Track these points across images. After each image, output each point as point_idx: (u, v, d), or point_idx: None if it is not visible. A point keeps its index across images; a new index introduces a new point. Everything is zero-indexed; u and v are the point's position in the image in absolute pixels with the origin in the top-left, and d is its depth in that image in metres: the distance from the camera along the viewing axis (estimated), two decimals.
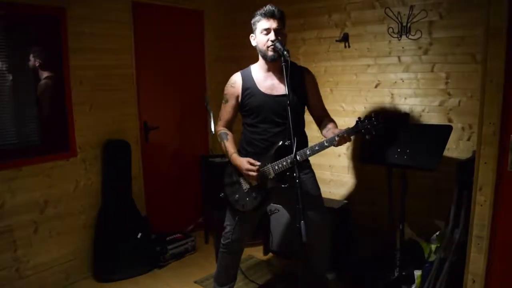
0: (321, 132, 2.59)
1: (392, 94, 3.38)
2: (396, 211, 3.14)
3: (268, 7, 2.44)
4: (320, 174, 3.79)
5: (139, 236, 3.57)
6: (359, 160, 3.52)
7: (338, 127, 2.53)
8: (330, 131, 2.44)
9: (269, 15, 2.42)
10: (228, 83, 2.62)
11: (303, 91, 2.55)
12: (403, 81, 3.31)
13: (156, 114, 4.00)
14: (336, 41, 3.57)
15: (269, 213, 3.72)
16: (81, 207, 3.45)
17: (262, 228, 3.77)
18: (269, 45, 2.41)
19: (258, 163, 2.44)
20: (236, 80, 2.59)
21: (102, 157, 3.55)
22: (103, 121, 3.54)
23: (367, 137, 2.25)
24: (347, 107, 3.64)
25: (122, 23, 3.61)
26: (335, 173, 3.79)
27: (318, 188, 2.70)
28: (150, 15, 3.85)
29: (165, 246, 3.72)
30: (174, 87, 4.12)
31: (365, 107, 3.54)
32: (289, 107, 2.15)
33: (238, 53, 4.19)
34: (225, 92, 2.63)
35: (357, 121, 2.27)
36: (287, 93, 2.18)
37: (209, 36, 4.41)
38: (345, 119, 3.63)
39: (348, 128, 2.29)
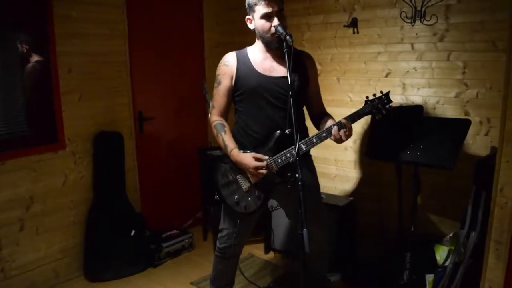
0: (316, 127, 2.39)
1: (403, 84, 3.16)
2: (406, 209, 2.93)
3: None
4: (325, 168, 3.60)
5: (132, 234, 3.38)
6: (366, 155, 3.30)
7: None
8: (326, 124, 2.25)
9: None
10: (220, 62, 2.36)
11: (305, 77, 2.32)
12: (416, 70, 3.09)
13: (152, 104, 3.79)
14: (344, 26, 3.34)
15: (271, 209, 3.51)
16: (71, 202, 3.27)
17: (263, 224, 3.57)
18: (273, 31, 2.17)
19: (266, 157, 2.20)
20: (230, 59, 2.33)
21: (93, 150, 3.36)
22: (94, 111, 3.34)
23: (377, 117, 2.13)
24: (354, 98, 3.42)
25: (115, 6, 3.38)
26: (340, 167, 3.58)
27: (318, 186, 2.51)
28: None
29: (160, 244, 3.55)
30: (171, 75, 3.90)
31: None
32: (290, 91, 1.95)
33: (240, 39, 3.91)
34: (218, 72, 2.36)
35: (366, 101, 2.13)
36: (288, 77, 1.96)
37: (209, 21, 4.17)
38: (352, 110, 3.32)
39: (355, 112, 2.14)
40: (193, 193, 4.13)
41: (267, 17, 2.18)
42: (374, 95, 2.14)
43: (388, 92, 2.12)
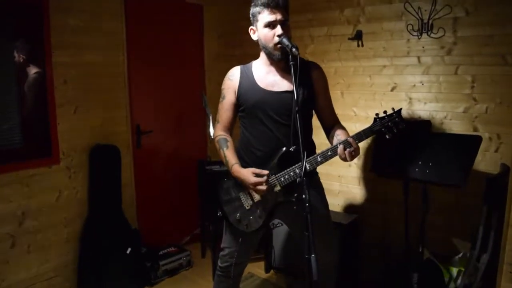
0: (330, 142, 2.26)
1: (410, 99, 3.07)
2: (413, 227, 2.82)
3: None
4: (328, 184, 3.49)
5: (128, 252, 3.25)
6: (372, 171, 3.19)
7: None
8: (336, 138, 2.14)
9: (273, 5, 2.07)
10: (226, 76, 2.30)
11: (310, 89, 2.22)
12: (423, 85, 3.00)
13: (150, 117, 3.69)
14: (349, 39, 3.26)
15: (272, 227, 3.40)
16: (65, 219, 3.15)
17: (263, 241, 3.45)
18: (276, 41, 2.08)
19: (266, 172, 2.09)
20: (234, 73, 2.27)
21: (88, 164, 3.25)
22: (90, 124, 3.23)
23: (387, 136, 2.00)
24: (359, 112, 3.33)
25: (113, 16, 3.31)
26: (344, 184, 3.47)
27: (327, 207, 2.39)
28: (144, 8, 3.54)
29: (157, 262, 3.41)
30: (170, 88, 3.82)
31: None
32: (294, 105, 1.85)
33: (241, 51, 3.88)
34: (223, 86, 2.30)
35: (375, 119, 2.02)
36: (294, 91, 1.85)
37: (209, 32, 4.09)
38: (357, 125, 3.32)
39: (363, 130, 2.02)
40: (192, 209, 4.02)
41: (270, 25, 2.09)
42: (385, 112, 2.03)
43: (400, 110, 2.01)
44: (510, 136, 2.69)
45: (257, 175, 2.10)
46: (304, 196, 1.69)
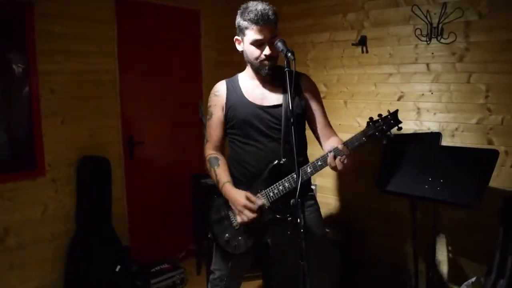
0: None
1: (418, 109, 2.88)
2: (421, 247, 2.61)
3: (259, 9, 1.91)
4: (328, 198, 3.32)
5: (117, 270, 3.07)
6: (376, 186, 2.97)
7: None
8: (328, 147, 1.98)
9: (262, 23, 1.90)
10: (211, 92, 2.17)
11: (301, 100, 2.08)
12: (432, 94, 2.81)
13: (143, 127, 3.53)
14: (352, 45, 3.08)
15: (269, 242, 3.18)
16: (50, 234, 2.99)
17: (260, 257, 3.23)
18: (262, 59, 1.96)
19: (260, 203, 1.94)
20: (220, 88, 2.14)
21: (76, 177, 3.09)
22: (78, 135, 3.09)
23: (384, 141, 1.83)
24: (363, 123, 3.07)
25: (103, 22, 3.16)
26: (346, 198, 3.26)
27: (323, 227, 2.23)
28: (137, 14, 3.40)
29: (149, 280, 3.23)
30: (165, 96, 3.66)
31: None
32: (290, 116, 1.72)
33: (240, 58, 3.66)
34: (209, 103, 2.16)
35: (368, 122, 1.85)
36: (288, 101, 1.74)
37: (207, 38, 3.94)
38: None
39: (355, 135, 1.85)
40: (186, 224, 3.83)
41: (257, 44, 1.96)
42: (380, 115, 1.85)
43: (396, 111, 1.83)
44: None
45: (250, 200, 1.94)
46: (298, 221, 1.51)
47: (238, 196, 1.96)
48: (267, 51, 1.93)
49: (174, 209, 3.80)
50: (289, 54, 1.79)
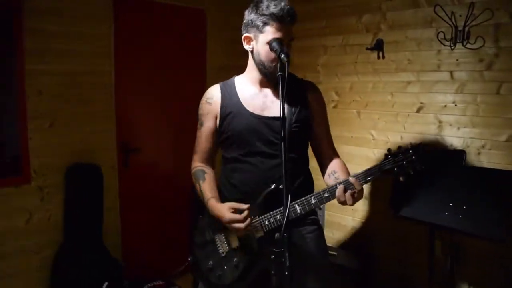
0: (325, 181, 1.85)
1: (440, 122, 2.60)
2: (438, 277, 2.29)
3: (283, 5, 1.66)
4: (339, 218, 3.03)
5: (105, 287, 2.85)
6: (391, 208, 2.67)
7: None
8: (333, 177, 1.77)
9: (286, 21, 1.66)
10: (202, 98, 1.91)
11: (306, 113, 1.82)
12: (455, 105, 2.55)
13: (140, 133, 3.32)
14: (367, 49, 2.84)
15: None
16: (35, 245, 2.80)
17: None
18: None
19: (246, 206, 1.69)
20: (214, 94, 1.87)
21: (65, 185, 2.89)
22: (68, 140, 2.88)
23: (401, 179, 1.64)
24: (378, 136, 2.86)
25: (99, 20, 2.96)
26: (357, 218, 2.98)
27: (326, 253, 1.97)
28: (136, 12, 3.19)
29: None
30: (164, 101, 3.44)
31: (402, 137, 2.74)
32: (283, 132, 1.46)
33: (247, 62, 3.47)
34: (200, 111, 1.91)
35: (386, 155, 1.61)
36: (280, 109, 1.46)
37: (213, 40, 3.70)
38: (375, 151, 2.85)
39: (370, 168, 1.61)
40: (184, 238, 3.58)
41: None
42: (400, 148, 1.60)
43: (419, 145, 1.59)
44: None
45: (236, 210, 1.70)
46: (283, 260, 1.30)
47: (221, 211, 1.72)
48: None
49: (171, 222, 3.57)
50: (282, 56, 1.53)
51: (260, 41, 1.73)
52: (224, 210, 1.71)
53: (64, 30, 2.79)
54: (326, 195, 1.64)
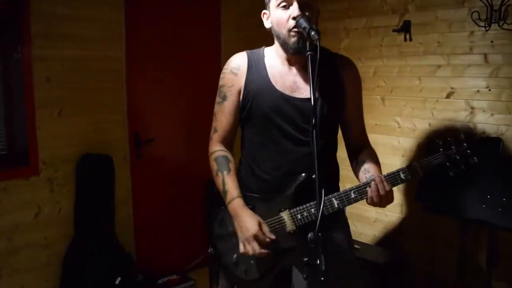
0: (354, 171, 1.69)
1: (472, 108, 2.42)
2: (471, 277, 2.14)
3: None
4: (362, 210, 2.87)
5: (117, 282, 2.75)
6: (417, 201, 2.52)
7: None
8: (367, 175, 1.58)
9: None
10: (225, 67, 1.69)
11: (339, 94, 1.64)
12: (490, 90, 2.35)
13: (152, 123, 3.20)
14: (393, 31, 2.64)
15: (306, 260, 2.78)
16: (45, 239, 2.71)
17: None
18: (291, 26, 1.50)
19: (273, 237, 1.54)
20: (240, 63, 1.66)
21: (75, 176, 2.79)
22: (78, 130, 2.79)
23: (450, 173, 1.47)
24: (403, 123, 2.69)
25: (110, 3, 2.85)
26: (382, 211, 2.81)
27: (353, 249, 1.84)
28: None
29: None
30: (177, 89, 3.30)
31: (430, 125, 2.58)
32: (319, 118, 1.39)
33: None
34: (222, 82, 1.68)
35: (436, 147, 1.46)
36: (310, 92, 1.30)
37: (228, 26, 3.56)
38: (400, 140, 2.69)
39: (420, 162, 1.47)
40: (200, 230, 3.47)
41: (284, 5, 1.52)
42: (449, 139, 1.44)
43: (474, 136, 1.45)
44: None
45: (264, 233, 1.53)
46: (318, 262, 1.14)
47: (249, 221, 1.54)
48: (295, 11, 1.48)
49: (186, 214, 3.46)
50: (313, 33, 1.37)
51: (271, 8, 1.58)
52: (253, 222, 1.53)
53: (73, 13, 2.69)
54: (353, 195, 1.51)
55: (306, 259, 1.17)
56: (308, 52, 1.37)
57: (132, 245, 3.12)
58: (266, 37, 1.67)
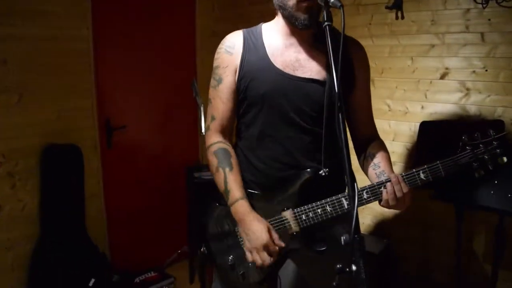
0: (362, 166, 1.53)
1: (467, 90, 2.34)
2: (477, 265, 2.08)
3: None
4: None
5: (91, 285, 2.55)
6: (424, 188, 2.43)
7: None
8: (377, 170, 1.43)
9: None
10: (220, 47, 1.52)
11: (349, 78, 1.47)
12: (486, 71, 2.28)
13: (124, 109, 2.97)
14: (386, 8, 2.50)
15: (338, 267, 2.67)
16: (8, 241, 2.48)
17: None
18: None
19: (282, 245, 1.39)
20: (235, 42, 1.49)
21: (40, 170, 2.55)
22: (40, 118, 2.53)
23: (476, 175, 1.31)
24: (394, 106, 2.60)
25: None
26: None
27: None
28: None
29: None
30: (151, 72, 3.09)
31: (423, 107, 2.50)
32: (326, 102, 1.32)
33: (245, 27, 3.14)
34: (216, 63, 1.52)
35: (463, 146, 1.30)
36: (333, 70, 1.15)
37: (203, 3, 3.33)
38: (391, 123, 2.60)
39: (443, 162, 1.32)
40: (178, 222, 3.31)
41: None
42: (476, 135, 1.30)
43: (504, 134, 1.30)
44: None
45: (274, 239, 1.38)
46: (353, 268, 0.97)
47: (258, 228, 1.38)
48: None
49: (163, 206, 3.28)
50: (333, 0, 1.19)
51: None
52: (263, 229, 1.38)
53: None
54: (365, 196, 1.34)
55: (340, 265, 1.01)
56: (326, 23, 1.20)
57: (105, 242, 2.93)
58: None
